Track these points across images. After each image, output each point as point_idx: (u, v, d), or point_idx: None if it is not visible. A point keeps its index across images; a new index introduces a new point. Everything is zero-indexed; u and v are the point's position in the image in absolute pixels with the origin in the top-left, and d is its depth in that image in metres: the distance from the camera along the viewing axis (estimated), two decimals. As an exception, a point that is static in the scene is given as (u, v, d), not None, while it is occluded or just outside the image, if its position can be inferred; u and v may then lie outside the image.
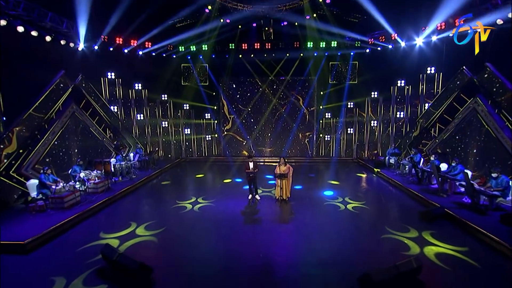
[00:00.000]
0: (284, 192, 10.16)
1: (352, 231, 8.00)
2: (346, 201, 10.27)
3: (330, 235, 7.70)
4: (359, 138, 18.02)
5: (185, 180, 13.83)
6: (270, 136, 18.56)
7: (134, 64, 16.10)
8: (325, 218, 8.93)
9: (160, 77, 17.07)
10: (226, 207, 9.79)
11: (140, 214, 9.41)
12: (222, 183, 12.72)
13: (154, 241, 7.44)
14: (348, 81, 17.86)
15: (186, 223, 8.66)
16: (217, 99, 18.71)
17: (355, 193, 11.24)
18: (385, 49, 16.03)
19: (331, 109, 18.27)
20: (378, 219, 8.86)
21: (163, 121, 17.90)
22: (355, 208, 9.57)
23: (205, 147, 18.97)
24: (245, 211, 9.45)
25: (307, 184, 12.60)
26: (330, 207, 9.70)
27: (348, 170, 15.61)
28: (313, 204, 9.99)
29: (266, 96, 18.40)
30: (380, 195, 11.26)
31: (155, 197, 11.28)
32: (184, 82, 18.21)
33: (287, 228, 8.23)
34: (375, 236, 7.62)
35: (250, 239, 7.46)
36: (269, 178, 13.11)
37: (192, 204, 10.07)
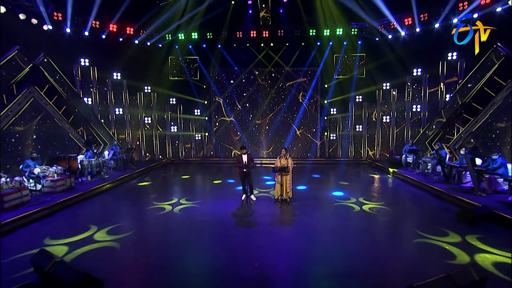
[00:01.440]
0: (284, 190, 8.91)
1: (373, 234, 6.62)
2: (360, 201, 9.06)
3: (346, 239, 6.31)
4: (369, 136, 16.77)
5: (168, 181, 12.67)
6: (267, 134, 17.49)
7: (113, 52, 14.88)
8: (337, 219, 7.65)
9: (144, 67, 15.94)
10: (213, 208, 8.54)
11: (104, 217, 7.96)
12: (211, 184, 11.73)
13: (115, 247, 5.97)
14: (356, 72, 16.80)
15: (161, 226, 7.24)
16: (208, 92, 17.61)
17: (370, 194, 10.08)
18: (397, 36, 15.01)
19: (336, 104, 17.19)
20: (404, 221, 7.54)
21: (146, 117, 16.60)
22: (373, 209, 8.29)
23: (194, 146, 17.69)
24: (237, 212, 8.16)
25: (311, 184, 11.47)
26: (342, 208, 8.46)
27: (358, 171, 14.49)
28: (320, 205, 8.81)
29: (263, 89, 17.41)
30: (400, 195, 10.11)
31: (128, 198, 9.94)
32: (173, 77, 17.17)
33: (290, 231, 6.87)
34: (404, 240, 6.25)
35: (243, 244, 6.10)
36: (267, 179, 12.27)
37: (172, 206, 8.75)
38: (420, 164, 12.37)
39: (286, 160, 8.82)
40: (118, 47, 15.07)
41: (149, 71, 16.14)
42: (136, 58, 15.54)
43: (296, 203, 8.88)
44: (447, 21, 13.06)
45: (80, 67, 14.20)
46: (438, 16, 13.51)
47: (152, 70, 16.29)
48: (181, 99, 17.25)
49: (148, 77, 16.28)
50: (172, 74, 17.18)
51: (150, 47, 16.32)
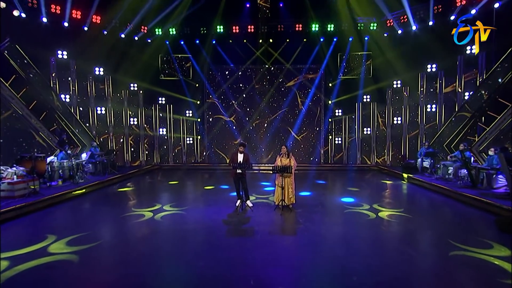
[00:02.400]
0: (286, 194, 7.89)
1: (397, 246, 5.64)
2: (375, 208, 8.09)
3: (364, 252, 5.32)
4: (378, 139, 15.95)
5: (153, 186, 11.78)
6: (266, 136, 16.63)
7: (96, 45, 13.99)
8: (350, 228, 6.70)
9: (130, 62, 15.07)
10: (202, 215, 7.58)
11: (69, 225, 6.93)
12: (202, 190, 10.89)
13: (72, 261, 4.87)
14: (363, 70, 16.05)
15: (136, 235, 6.20)
16: (201, 91, 16.76)
17: (385, 200, 9.21)
18: (408, 31, 14.33)
19: (342, 104, 16.36)
20: (432, 230, 6.56)
21: (132, 117, 15.69)
22: (392, 217, 7.31)
23: (185, 151, 16.71)
24: (230, 220, 7.18)
25: (316, 190, 10.60)
26: (355, 216, 7.52)
27: (367, 177, 13.62)
28: (329, 212, 7.94)
29: (261, 87, 16.63)
30: (420, 202, 9.25)
31: (103, 204, 8.93)
32: (165, 77, 16.44)
33: (294, 242, 5.88)
34: (439, 253, 5.19)
35: (236, 257, 5.10)
36: (266, 184, 11.46)
37: (154, 212, 7.73)
38: (439, 168, 11.41)
39: (288, 159, 7.87)
40: (102, 40, 14.23)
41: (136, 68, 15.27)
42: (122, 53, 14.73)
43: (300, 209, 7.94)
44: (464, 12, 12.29)
45: (57, 59, 13.24)
46: (453, 8, 12.76)
47: (140, 66, 15.40)
48: (171, 98, 16.41)
49: (134, 74, 15.39)
50: (163, 73, 16.46)
51: (138, 42, 15.53)
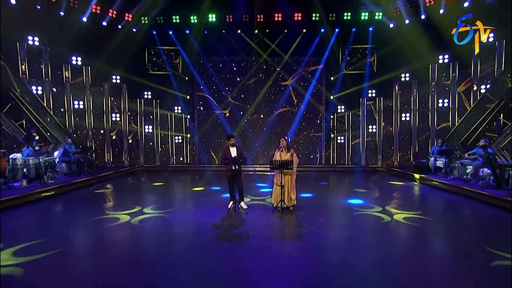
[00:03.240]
0: (286, 194, 7.20)
1: (424, 253, 4.95)
2: (388, 210, 7.38)
3: (385, 260, 4.58)
4: (385, 137, 15.33)
5: (135, 187, 11.00)
6: (262, 133, 16.04)
7: (73, 32, 13.23)
8: (363, 232, 5.95)
9: (113, 53, 14.28)
10: (188, 219, 6.85)
11: (24, 231, 6.05)
12: (190, 191, 10.21)
13: (14, 275, 3.97)
14: (368, 63, 15.58)
15: (106, 242, 5.39)
16: (191, 85, 16.15)
17: (398, 202, 8.50)
18: (415, 20, 13.84)
19: (345, 100, 15.82)
20: (462, 235, 5.80)
21: (114, 113, 14.91)
22: (410, 220, 6.57)
23: (173, 150, 16.01)
24: (221, 223, 6.41)
25: (319, 191, 9.95)
26: (366, 218, 6.80)
27: (374, 178, 12.98)
28: (335, 214, 7.27)
29: (257, 81, 16.09)
30: (438, 203, 8.58)
31: (74, 207, 8.07)
32: (153, 71, 15.88)
33: (296, 248, 5.12)
34: (478, 263, 4.41)
35: (227, 267, 4.37)
36: (262, 186, 10.87)
37: (131, 216, 6.91)
38: (454, 168, 10.70)
39: (288, 153, 7.18)
40: (80, 27, 13.50)
41: (120, 58, 14.56)
42: (103, 42, 13.95)
43: (302, 212, 7.23)
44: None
45: (27, 46, 12.33)
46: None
47: (124, 57, 14.69)
48: (158, 92, 15.73)
49: (117, 65, 14.69)
50: (150, 65, 15.87)
51: (121, 31, 14.76)
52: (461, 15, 12.49)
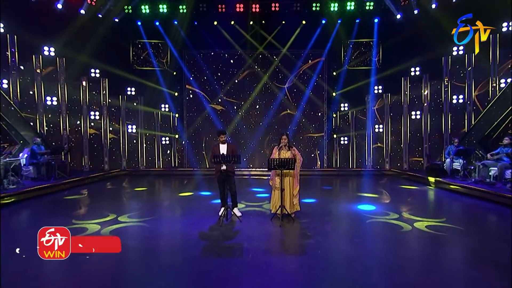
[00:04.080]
0: (288, 199, 6.51)
1: (464, 268, 4.20)
2: (406, 217, 6.68)
3: (418, 279, 3.76)
4: (394, 137, 14.79)
5: (113, 193, 10.39)
6: (257, 133, 15.59)
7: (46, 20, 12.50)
8: (382, 243, 5.29)
9: (92, 44, 13.54)
10: (170, 228, 6.16)
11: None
12: (176, 197, 9.64)
13: None
14: (374, 55, 15.14)
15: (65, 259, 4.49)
16: (179, 80, 15.66)
17: (416, 208, 7.80)
18: (427, 9, 13.32)
19: (349, 96, 15.37)
20: (505, 246, 4.93)
21: (92, 110, 14.21)
22: (434, 229, 5.86)
23: (159, 153, 15.41)
24: (210, 233, 5.69)
25: (323, 197, 9.47)
26: (382, 227, 6.09)
27: (383, 182, 12.45)
28: (345, 222, 6.69)
29: (252, 76, 15.66)
30: (462, 210, 7.96)
31: (35, 215, 7.35)
32: (138, 66, 15.32)
33: (303, 264, 4.40)
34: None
35: None
36: (258, 191, 10.29)
37: (102, 225, 6.12)
38: (473, 170, 10.09)
39: (289, 151, 6.53)
40: (55, 15, 12.74)
41: (99, 50, 13.85)
42: (80, 32, 13.18)
43: (306, 219, 6.56)
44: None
45: (-11, 33, 11.53)
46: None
47: (104, 49, 14.00)
48: (142, 88, 15.11)
49: (97, 57, 13.96)
50: (135, 60, 15.32)
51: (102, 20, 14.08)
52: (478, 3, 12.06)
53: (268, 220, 6.49)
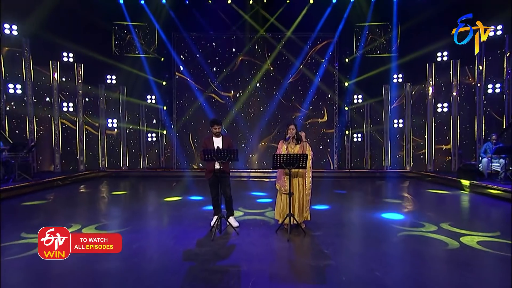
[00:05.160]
0: (297, 206, 5.80)
1: None
2: (447, 230, 5.81)
3: None
4: (416, 134, 14.18)
5: (85, 198, 9.74)
6: (257, 128, 15.30)
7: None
8: (427, 268, 4.25)
9: (64, 25, 12.89)
10: (149, 243, 5.35)
11: None
12: (160, 202, 9.02)
13: None
14: (394, 38, 14.56)
15: None
16: (168, 68, 15.29)
17: (455, 218, 6.95)
18: None
19: (363, 86, 14.90)
20: None
21: (65, 101, 13.56)
22: (489, 245, 4.93)
23: (144, 151, 14.98)
24: (197, 251, 4.82)
25: (337, 202, 8.70)
26: (420, 242, 5.22)
27: (405, 185, 11.88)
28: (371, 235, 5.75)
29: (252, 62, 15.40)
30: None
31: None
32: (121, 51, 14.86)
33: None
34: None
35: None
36: (259, 195, 9.74)
37: None
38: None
39: (297, 145, 5.84)
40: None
41: (74, 31, 13.20)
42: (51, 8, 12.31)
43: (320, 231, 5.78)
44: None
45: None
46: None
47: (79, 29, 13.37)
48: (125, 76, 14.63)
49: (70, 39, 13.18)
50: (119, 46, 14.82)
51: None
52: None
53: (273, 232, 5.67)
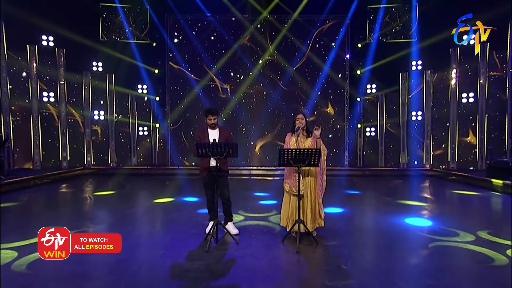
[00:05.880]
0: (309, 212, 5.33)
1: None
2: (487, 239, 5.33)
3: None
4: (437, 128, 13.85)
5: (63, 200, 9.57)
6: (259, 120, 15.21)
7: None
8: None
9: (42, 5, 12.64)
10: (130, 255, 4.82)
11: None
12: (149, 204, 8.83)
13: None
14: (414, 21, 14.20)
15: None
16: (161, 54, 15.13)
17: (494, 224, 6.52)
18: None
19: (378, 75, 14.65)
20: None
21: (45, 90, 13.22)
22: None
23: (135, 147, 14.82)
24: (188, 267, 4.40)
25: (351, 205, 8.45)
26: (459, 255, 4.81)
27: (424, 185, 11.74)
28: (397, 246, 5.33)
29: (253, 47, 15.25)
30: None
31: None
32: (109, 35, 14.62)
33: None
34: None
35: None
36: (262, 196, 9.60)
37: (22, 251, 4.81)
38: None
39: (308, 138, 5.44)
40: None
41: (54, 12, 12.95)
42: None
43: (335, 241, 5.40)
44: None
45: None
46: None
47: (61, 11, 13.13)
48: (113, 64, 14.46)
49: (50, 20, 12.91)
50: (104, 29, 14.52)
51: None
52: None
53: (278, 241, 5.25)
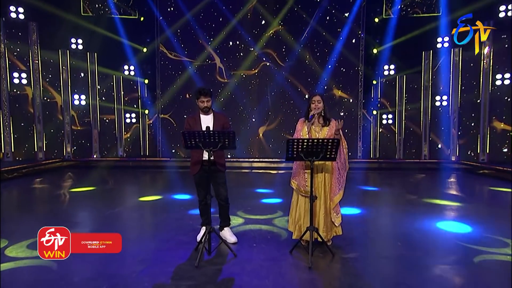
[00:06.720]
0: (323, 216, 4.93)
1: None
2: None
3: None
4: (465, 115, 13.56)
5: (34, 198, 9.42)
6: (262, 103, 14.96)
7: None
8: None
9: None
10: (100, 270, 4.43)
11: None
12: (134, 203, 8.58)
13: None
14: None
15: None
16: (149, 30, 15.04)
17: None
18: None
19: (398, 54, 14.46)
20: None
21: (17, 71, 12.99)
22: None
23: (121, 136, 14.77)
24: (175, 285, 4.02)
25: (370, 205, 8.22)
26: None
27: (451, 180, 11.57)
28: (434, 259, 4.90)
29: (255, 22, 14.99)
30: None
31: None
32: (89, 8, 14.42)
33: None
34: None
35: None
36: (265, 193, 9.43)
37: None
38: None
39: (325, 127, 4.91)
40: None
41: None
42: None
43: (355, 252, 5.00)
44: None
45: None
46: None
47: None
48: (94, 41, 14.26)
49: None
50: (84, 2, 14.30)
51: None
52: None
53: (286, 252, 4.79)
